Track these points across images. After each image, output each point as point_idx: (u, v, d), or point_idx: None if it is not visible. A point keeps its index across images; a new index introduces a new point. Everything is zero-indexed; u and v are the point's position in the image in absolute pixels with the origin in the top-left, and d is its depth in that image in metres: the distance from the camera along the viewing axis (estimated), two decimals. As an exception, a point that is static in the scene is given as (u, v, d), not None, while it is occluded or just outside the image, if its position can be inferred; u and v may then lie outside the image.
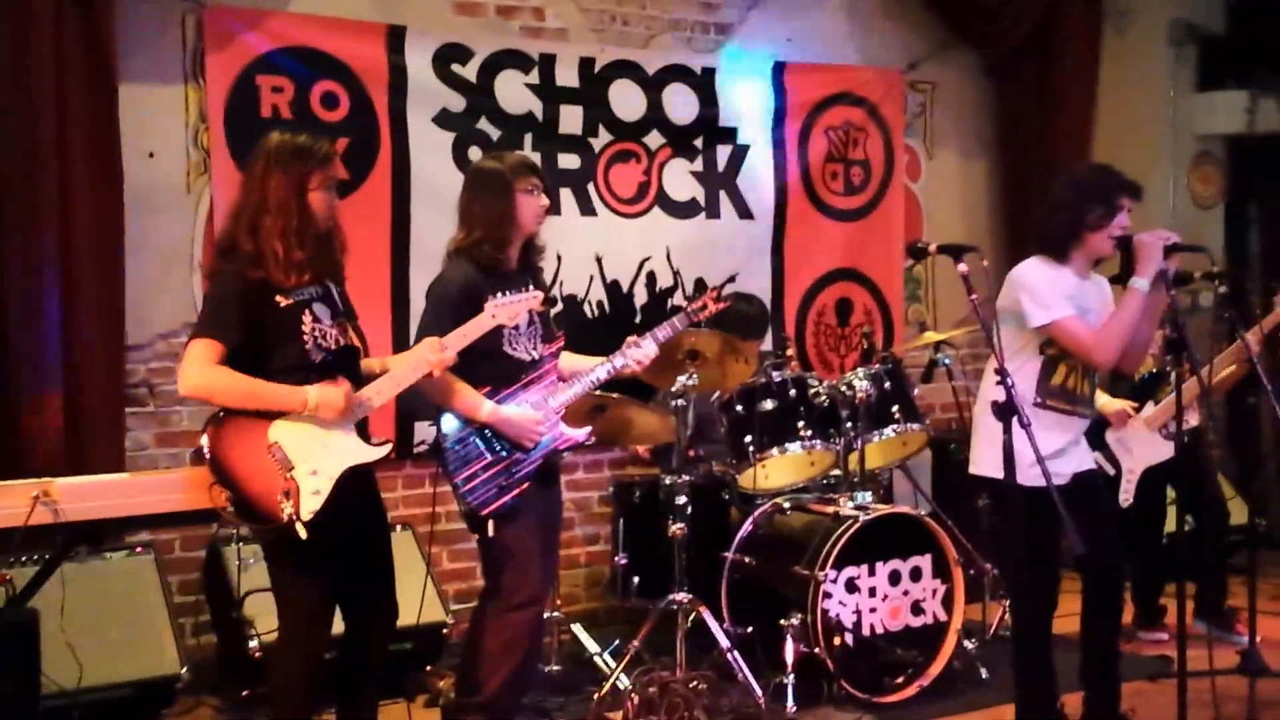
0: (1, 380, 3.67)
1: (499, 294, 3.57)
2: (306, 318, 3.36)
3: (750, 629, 4.54)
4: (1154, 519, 5.37)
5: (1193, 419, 5.19)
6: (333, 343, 3.41)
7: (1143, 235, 3.80)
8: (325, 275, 3.45)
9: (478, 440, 3.76)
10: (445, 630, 4.82)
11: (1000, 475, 3.46)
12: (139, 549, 4.48)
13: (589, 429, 3.98)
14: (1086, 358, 3.85)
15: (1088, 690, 4.10)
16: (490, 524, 3.77)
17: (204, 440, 3.27)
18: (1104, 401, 5.05)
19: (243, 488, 3.25)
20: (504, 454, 3.75)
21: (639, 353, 3.94)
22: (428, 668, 4.74)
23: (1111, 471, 5.11)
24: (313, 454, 3.29)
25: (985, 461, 3.87)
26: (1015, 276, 3.91)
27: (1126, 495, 5.10)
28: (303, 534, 3.22)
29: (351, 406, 3.34)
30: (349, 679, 3.65)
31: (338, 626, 3.55)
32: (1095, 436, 5.10)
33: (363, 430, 3.42)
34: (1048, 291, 3.80)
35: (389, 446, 3.47)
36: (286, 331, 3.33)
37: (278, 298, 3.31)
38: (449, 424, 3.80)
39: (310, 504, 3.25)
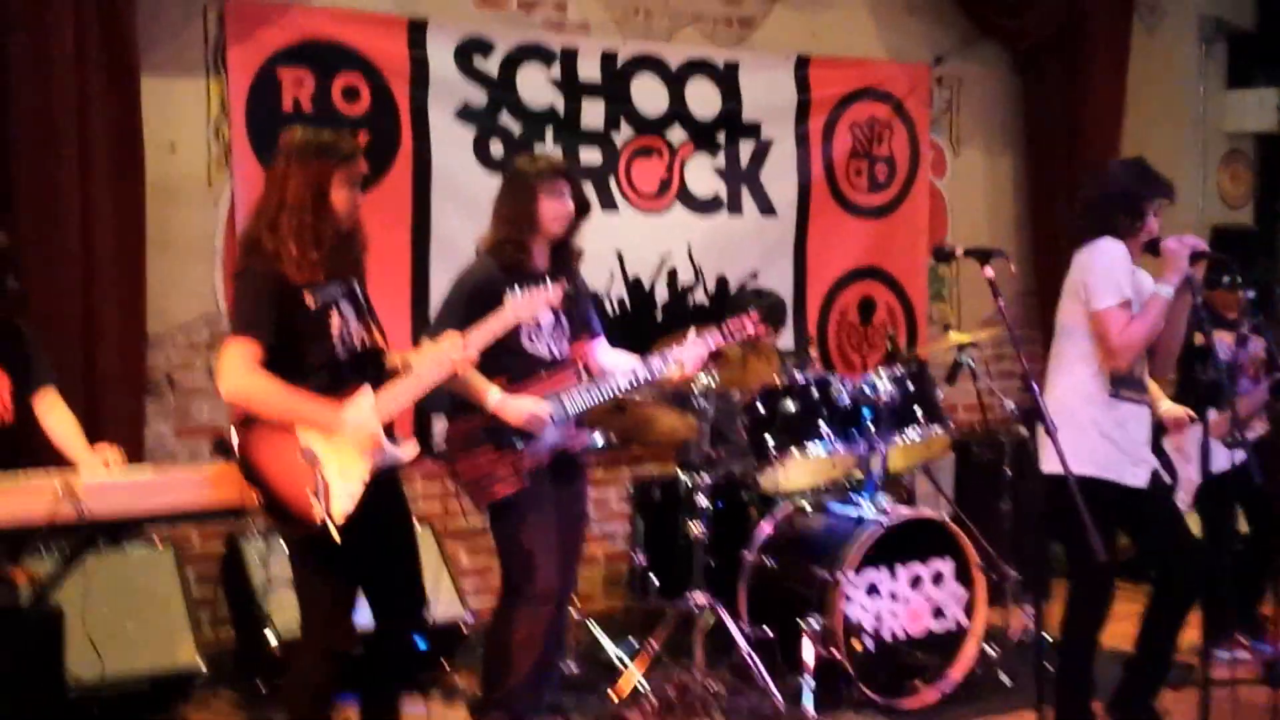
0: (23, 373, 3.68)
1: (516, 289, 3.55)
2: (334, 317, 3.34)
3: (769, 631, 4.51)
4: (1221, 530, 5.22)
5: (1259, 427, 5.06)
6: (359, 343, 3.40)
7: (1169, 241, 3.80)
8: (347, 273, 3.43)
9: (483, 431, 3.74)
10: (463, 627, 4.80)
11: (1098, 474, 3.46)
12: (158, 542, 4.48)
13: (599, 434, 3.95)
14: (1108, 353, 3.81)
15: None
16: (489, 515, 3.77)
17: (233, 441, 3.26)
18: (1166, 407, 4.69)
19: (274, 489, 3.24)
20: (509, 446, 3.73)
21: (682, 355, 3.88)
22: (446, 664, 4.73)
23: (1168, 480, 4.94)
24: (343, 455, 3.27)
25: (1081, 459, 3.57)
26: (1085, 257, 3.85)
27: (1183, 505, 4.92)
28: (336, 537, 3.20)
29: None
30: (373, 676, 3.62)
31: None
32: (1154, 443, 5.00)
33: (388, 430, 3.40)
34: (1108, 276, 3.77)
35: (416, 448, 3.45)
36: (315, 331, 3.31)
37: (305, 296, 3.29)
38: (456, 413, 3.79)
39: (342, 505, 3.23)
